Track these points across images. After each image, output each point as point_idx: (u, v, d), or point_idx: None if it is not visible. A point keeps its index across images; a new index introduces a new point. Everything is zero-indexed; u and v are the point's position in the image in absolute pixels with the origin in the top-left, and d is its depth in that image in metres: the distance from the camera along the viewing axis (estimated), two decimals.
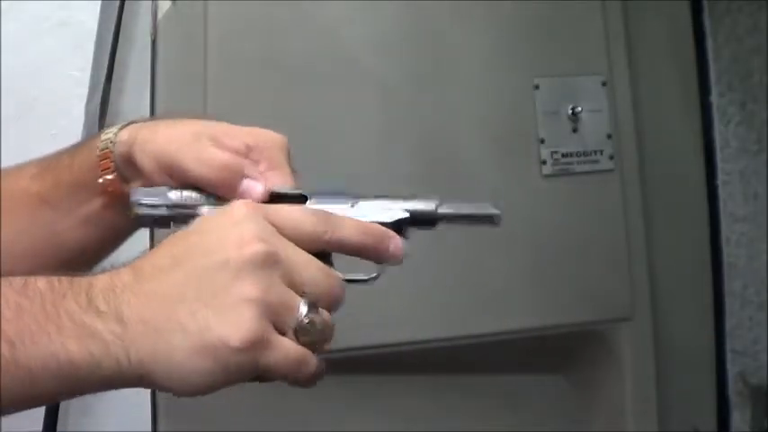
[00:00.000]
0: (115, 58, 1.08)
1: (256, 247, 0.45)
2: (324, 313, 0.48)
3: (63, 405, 1.08)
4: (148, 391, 1.04)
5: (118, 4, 1.07)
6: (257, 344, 0.45)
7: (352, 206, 0.53)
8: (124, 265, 0.48)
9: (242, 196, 0.52)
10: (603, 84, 1.11)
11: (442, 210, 0.56)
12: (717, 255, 1.21)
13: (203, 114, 0.61)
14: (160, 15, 1.00)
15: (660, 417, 1.11)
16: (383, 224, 0.53)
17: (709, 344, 1.20)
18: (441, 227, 0.58)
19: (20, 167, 0.66)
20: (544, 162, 1.09)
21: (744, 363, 1.21)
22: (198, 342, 0.44)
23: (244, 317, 0.44)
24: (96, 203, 0.60)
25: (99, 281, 0.46)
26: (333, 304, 0.50)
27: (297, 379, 0.47)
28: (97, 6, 1.08)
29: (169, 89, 1.00)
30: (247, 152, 0.55)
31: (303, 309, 0.47)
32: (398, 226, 0.54)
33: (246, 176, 0.54)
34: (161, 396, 1.00)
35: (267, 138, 0.57)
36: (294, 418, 1.05)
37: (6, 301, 0.44)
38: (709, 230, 1.21)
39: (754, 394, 1.20)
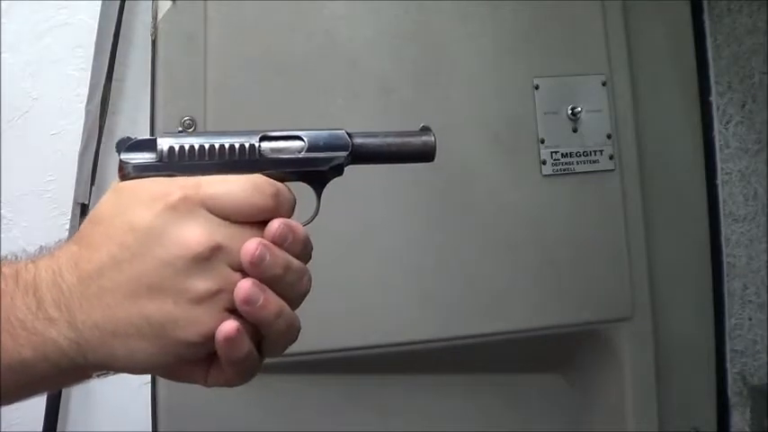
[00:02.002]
0: (115, 58, 1.09)
1: (201, 246, 0.45)
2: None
3: (63, 405, 1.08)
4: (148, 390, 1.04)
5: (118, 4, 1.07)
6: (211, 335, 0.45)
7: (301, 152, 0.52)
8: (55, 251, 0.47)
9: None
10: (603, 84, 1.11)
11: (359, 139, 0.54)
12: (717, 255, 1.21)
13: None
14: (160, 15, 1.00)
15: (660, 417, 1.11)
16: (321, 171, 0.52)
17: (709, 344, 1.20)
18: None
19: None
20: (544, 162, 1.09)
21: (744, 363, 1.21)
22: (156, 342, 0.45)
23: (199, 314, 0.45)
24: None
25: (43, 278, 0.45)
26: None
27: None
28: (97, 6, 1.08)
29: (169, 89, 1.00)
30: None
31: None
32: (338, 169, 0.53)
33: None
34: (161, 396, 1.00)
35: None
36: (294, 418, 1.05)
37: None
38: (709, 230, 1.21)
39: (754, 394, 1.20)
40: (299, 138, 0.52)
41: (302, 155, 0.51)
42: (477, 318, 1.06)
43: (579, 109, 1.10)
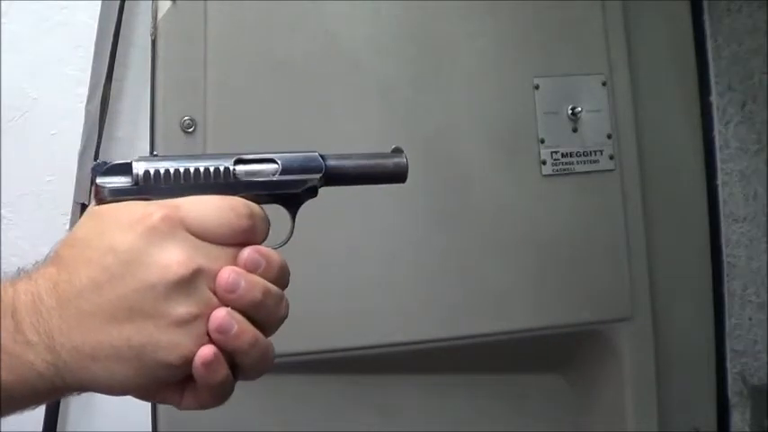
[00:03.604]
0: (115, 58, 1.08)
1: (182, 269, 0.45)
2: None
3: (63, 405, 1.08)
4: None
5: (118, 4, 1.07)
6: (192, 358, 0.46)
7: (275, 175, 0.52)
8: (33, 273, 0.46)
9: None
10: (603, 84, 1.11)
11: (334, 162, 0.54)
12: (717, 255, 1.21)
13: None
14: (160, 15, 1.00)
15: (660, 417, 1.11)
16: (295, 194, 0.53)
17: (709, 344, 1.20)
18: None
19: None
20: (544, 162, 1.09)
21: (744, 363, 1.21)
22: (136, 365, 0.45)
23: (179, 337, 0.45)
24: None
25: (22, 301, 0.45)
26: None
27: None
28: (97, 6, 1.08)
29: (169, 89, 1.00)
30: None
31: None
32: (311, 191, 0.54)
33: None
34: None
35: None
36: (294, 418, 1.05)
37: None
38: (709, 230, 1.21)
39: (754, 394, 1.20)
40: (272, 161, 0.52)
41: (276, 177, 0.52)
42: (477, 318, 1.06)
43: (579, 109, 1.10)
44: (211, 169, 0.50)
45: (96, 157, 1.07)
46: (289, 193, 0.52)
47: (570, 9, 1.11)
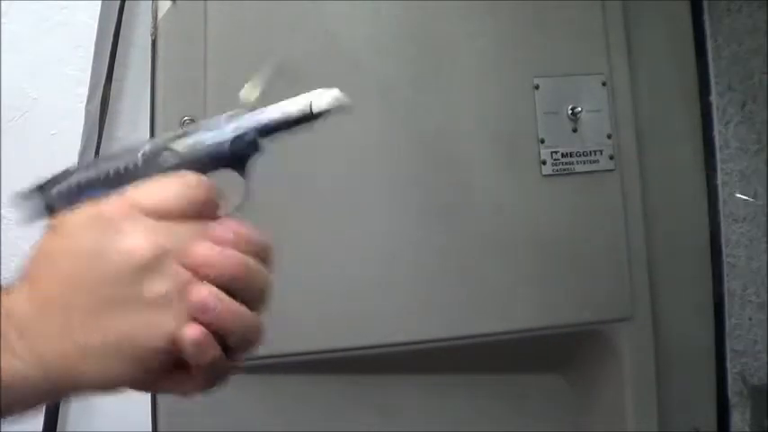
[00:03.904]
0: (115, 58, 1.09)
1: (146, 251, 0.45)
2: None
3: (63, 404, 1.08)
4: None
5: (118, 4, 1.08)
6: (175, 337, 0.45)
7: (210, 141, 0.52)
8: (8, 289, 0.47)
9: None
10: (603, 84, 1.11)
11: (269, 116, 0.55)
12: (717, 255, 1.21)
13: None
14: (160, 15, 1.00)
15: (660, 417, 1.11)
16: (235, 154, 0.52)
17: (709, 344, 1.20)
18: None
19: None
20: (544, 162, 1.09)
21: (744, 363, 1.21)
22: (124, 356, 0.45)
23: (160, 317, 0.45)
24: None
25: (1, 315, 0.45)
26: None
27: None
28: (97, 6, 1.08)
29: (169, 89, 1.00)
30: None
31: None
32: (252, 146, 0.54)
33: None
34: (161, 396, 1.00)
35: None
36: (294, 418, 1.05)
37: None
38: (709, 230, 1.21)
39: (754, 394, 1.20)
40: (204, 128, 0.53)
41: (211, 142, 0.52)
42: (477, 318, 1.06)
43: (579, 109, 1.10)
44: (148, 150, 0.50)
45: (96, 157, 1.07)
46: (227, 154, 0.52)
47: (570, 9, 1.11)
